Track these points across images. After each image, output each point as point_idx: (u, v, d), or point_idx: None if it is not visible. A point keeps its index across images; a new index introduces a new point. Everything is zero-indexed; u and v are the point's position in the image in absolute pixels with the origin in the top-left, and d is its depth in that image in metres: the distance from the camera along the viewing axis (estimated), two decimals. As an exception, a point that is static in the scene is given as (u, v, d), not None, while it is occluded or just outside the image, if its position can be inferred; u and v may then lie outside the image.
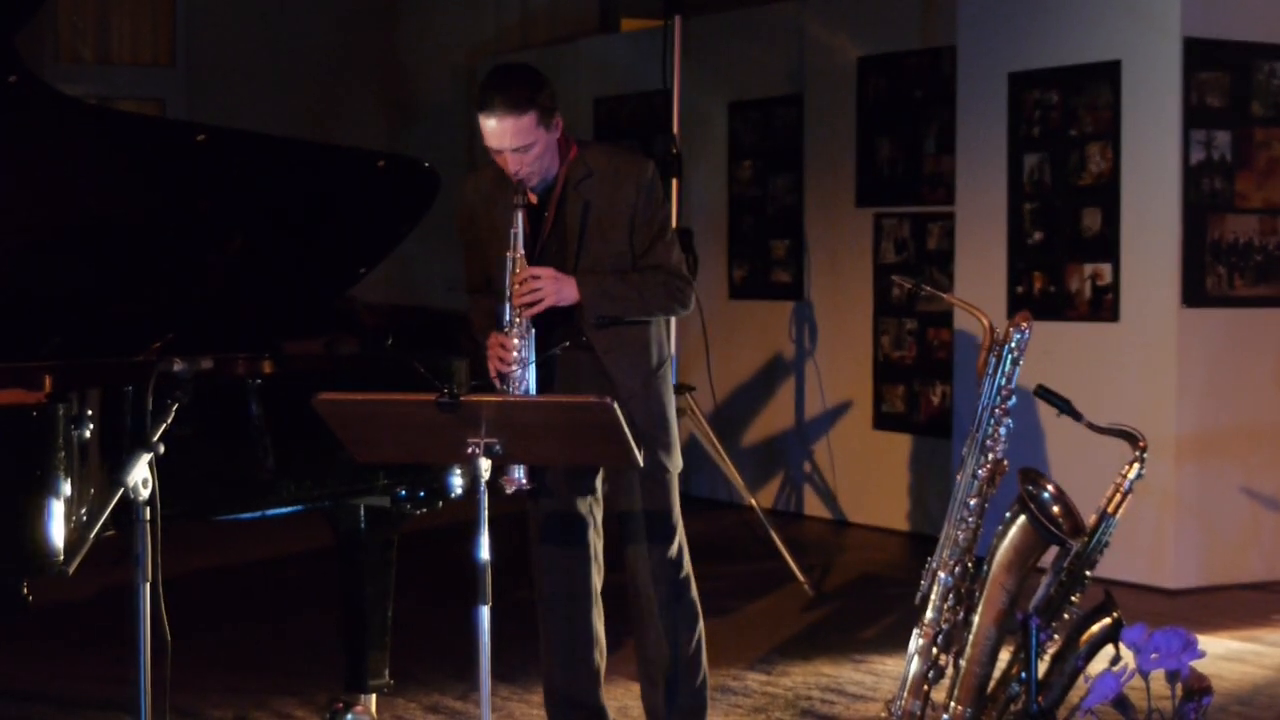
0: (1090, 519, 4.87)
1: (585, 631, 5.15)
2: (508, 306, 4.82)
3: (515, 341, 4.81)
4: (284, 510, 5.17)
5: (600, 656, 5.22)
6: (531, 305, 4.81)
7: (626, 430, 4.01)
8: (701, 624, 5.19)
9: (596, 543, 5.16)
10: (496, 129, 4.79)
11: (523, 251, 4.82)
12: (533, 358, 4.81)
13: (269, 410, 5.00)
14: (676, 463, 5.06)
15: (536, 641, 6.48)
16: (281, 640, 7.10)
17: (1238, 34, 8.01)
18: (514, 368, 4.78)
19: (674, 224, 6.10)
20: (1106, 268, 8.17)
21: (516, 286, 4.79)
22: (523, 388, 4.78)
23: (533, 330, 4.83)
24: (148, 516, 3.86)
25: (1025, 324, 4.91)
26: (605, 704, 5.27)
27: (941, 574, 4.90)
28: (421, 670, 6.37)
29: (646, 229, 4.96)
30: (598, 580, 5.18)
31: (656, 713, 5.18)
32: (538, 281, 4.81)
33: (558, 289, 4.83)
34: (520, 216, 4.82)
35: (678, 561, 5.09)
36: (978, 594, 4.88)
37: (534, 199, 4.93)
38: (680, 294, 5.01)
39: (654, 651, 5.12)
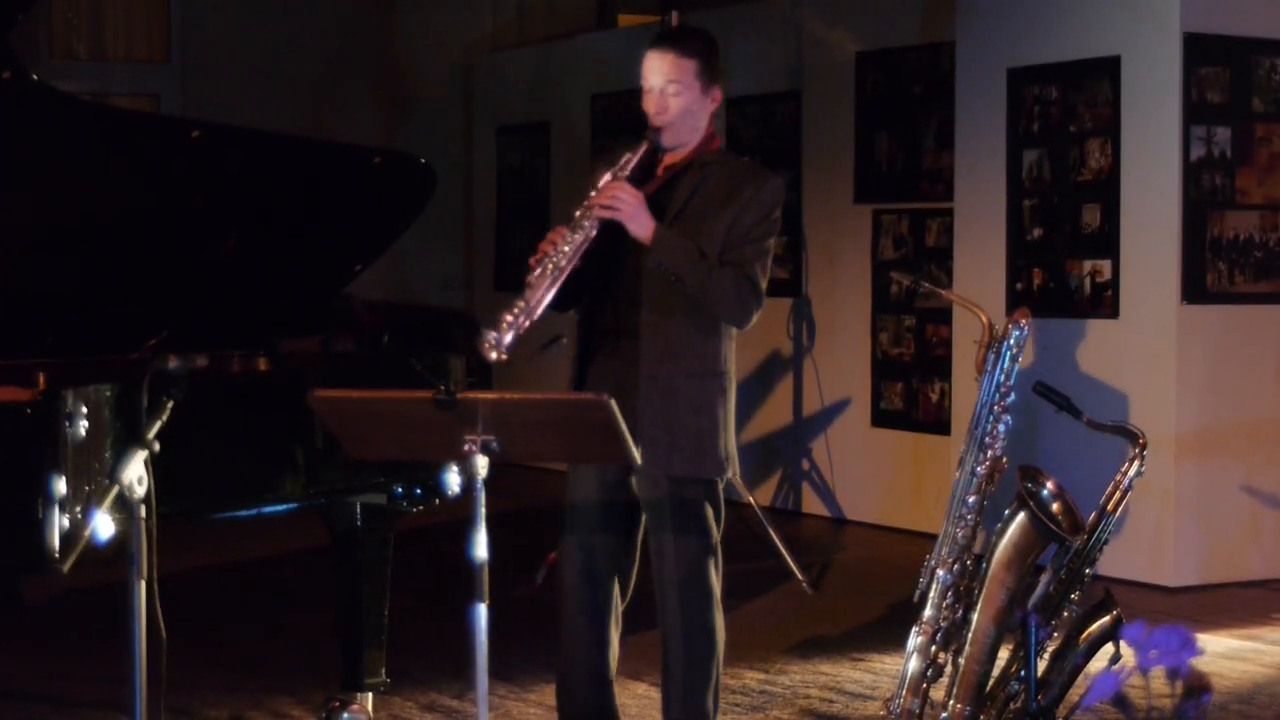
0: (1090, 517, 4.86)
1: (596, 631, 5.04)
2: (583, 207, 4.72)
3: (568, 236, 4.69)
4: (280, 508, 5.15)
5: (611, 660, 5.11)
6: (605, 209, 4.69)
7: (623, 428, 3.98)
8: (720, 642, 5.04)
9: (624, 556, 5.06)
10: (656, 61, 4.84)
11: (628, 174, 4.73)
12: (568, 250, 4.67)
13: (265, 407, 5.00)
14: (706, 470, 4.91)
15: (534, 640, 6.48)
16: (278, 639, 7.08)
17: (1238, 29, 8.00)
18: (552, 256, 4.66)
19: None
20: (1106, 264, 8.15)
21: (598, 191, 4.71)
22: (550, 278, 4.66)
23: (592, 236, 4.69)
24: (143, 514, 3.83)
25: (1024, 321, 4.90)
26: (616, 707, 5.17)
27: (940, 572, 4.89)
28: (418, 669, 6.36)
29: (743, 233, 4.84)
30: (618, 591, 5.08)
31: (664, 709, 5.10)
32: (622, 192, 4.72)
33: (636, 211, 4.71)
34: (643, 147, 4.77)
35: (700, 571, 4.95)
36: (977, 592, 4.86)
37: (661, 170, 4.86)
38: (746, 302, 4.83)
39: (665, 657, 5.02)
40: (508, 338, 4.59)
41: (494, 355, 4.59)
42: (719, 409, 4.92)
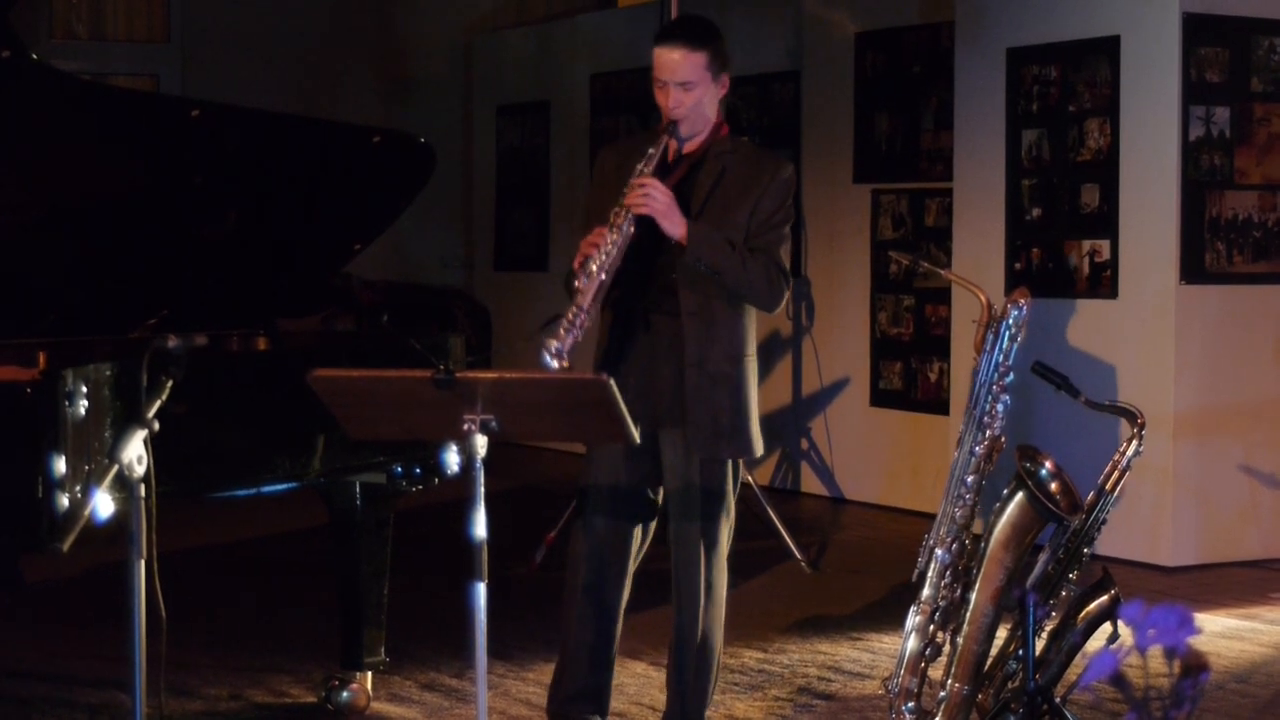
0: (1088, 496, 4.86)
1: (604, 614, 5.05)
2: (618, 207, 4.72)
3: (610, 235, 4.70)
4: (279, 487, 5.15)
5: (615, 645, 5.13)
6: (640, 206, 4.71)
7: (622, 408, 3.99)
8: (722, 617, 5.10)
9: (635, 544, 5.06)
10: (669, 59, 4.84)
11: (649, 169, 4.75)
12: (614, 253, 4.68)
13: (265, 387, 5.00)
14: (742, 450, 4.98)
15: (533, 619, 6.47)
16: (277, 618, 7.09)
17: (1237, 9, 7.99)
18: (601, 255, 4.66)
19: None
20: (1105, 244, 8.15)
21: (631, 189, 4.72)
22: (599, 279, 4.66)
23: (632, 231, 4.71)
24: (143, 493, 3.84)
25: (1023, 300, 4.90)
26: (610, 690, 5.17)
27: (939, 551, 4.89)
28: (417, 648, 6.36)
29: (766, 218, 4.92)
30: (628, 579, 5.10)
31: (670, 690, 5.09)
32: (654, 189, 4.74)
33: (668, 207, 4.75)
34: (665, 141, 4.79)
35: (718, 547, 5.01)
36: (975, 571, 4.87)
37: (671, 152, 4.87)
38: (777, 287, 4.91)
39: (678, 631, 5.03)
40: (568, 343, 4.62)
41: (557, 364, 4.60)
42: (753, 389, 5.04)
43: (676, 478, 4.95)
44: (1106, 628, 4.80)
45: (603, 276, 4.69)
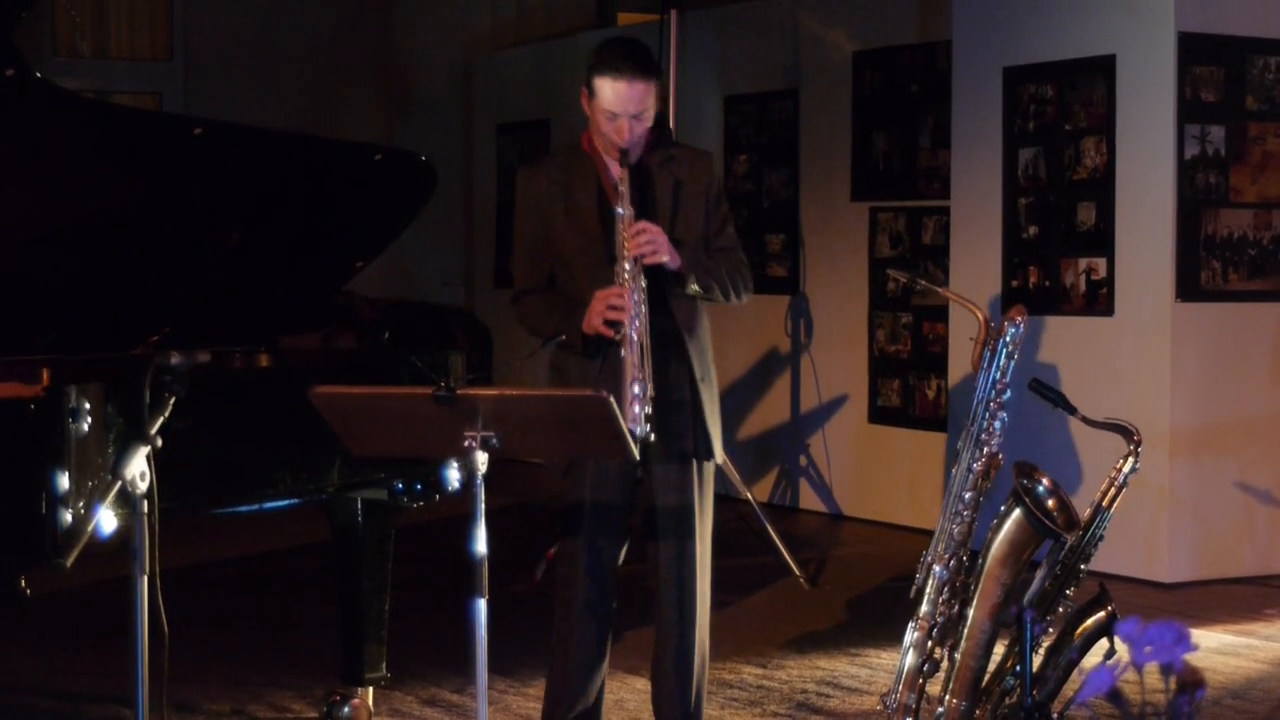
0: (1085, 513, 4.89)
1: (600, 632, 5.07)
2: (620, 260, 4.74)
3: (629, 292, 4.72)
4: (281, 503, 5.17)
5: (606, 662, 5.15)
6: (651, 256, 4.75)
7: (622, 425, 4.02)
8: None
9: (618, 558, 5.09)
10: (626, 92, 4.90)
11: (632, 210, 4.76)
12: (643, 310, 4.72)
13: (267, 403, 5.03)
14: (719, 451, 5.07)
15: (533, 634, 6.48)
16: (279, 633, 7.11)
17: (1232, 29, 8.03)
18: (630, 324, 4.69)
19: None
20: (1101, 262, 8.18)
21: (629, 238, 4.74)
22: (635, 334, 4.70)
23: (643, 281, 4.75)
24: (146, 509, 3.86)
25: (1020, 318, 4.93)
26: (603, 707, 5.19)
27: (936, 567, 4.92)
28: (418, 663, 6.39)
29: (719, 213, 5.03)
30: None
31: (670, 709, 5.09)
32: (654, 232, 4.78)
33: (667, 245, 4.81)
34: (628, 176, 4.81)
35: (707, 556, 5.05)
36: (973, 587, 4.89)
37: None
38: (748, 280, 5.05)
39: (676, 647, 5.04)
40: (645, 424, 4.68)
41: (640, 447, 4.62)
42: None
43: (674, 493, 4.95)
44: (1103, 644, 4.82)
45: (635, 337, 4.72)
